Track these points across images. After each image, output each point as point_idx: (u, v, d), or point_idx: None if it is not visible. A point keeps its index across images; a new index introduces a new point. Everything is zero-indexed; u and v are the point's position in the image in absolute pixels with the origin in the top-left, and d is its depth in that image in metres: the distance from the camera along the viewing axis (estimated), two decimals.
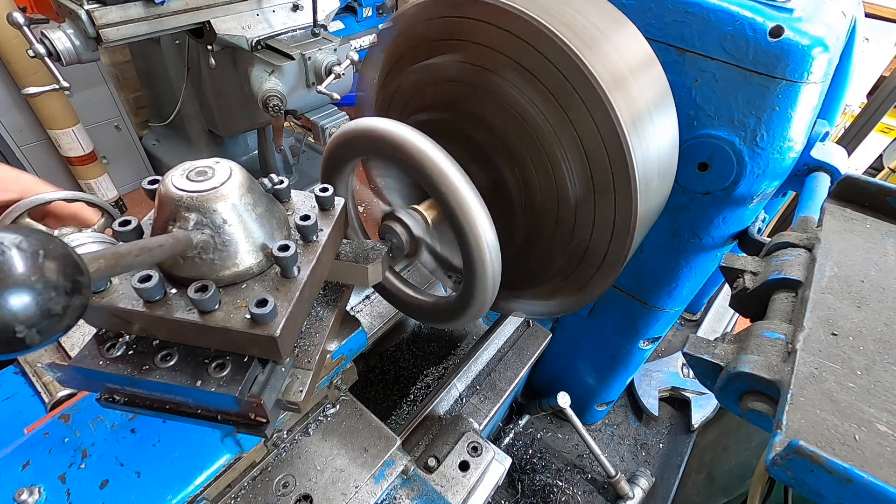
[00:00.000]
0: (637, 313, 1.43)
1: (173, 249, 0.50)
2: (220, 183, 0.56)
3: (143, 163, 3.42)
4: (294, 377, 0.67)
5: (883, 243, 0.73)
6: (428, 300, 0.94)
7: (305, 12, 2.15)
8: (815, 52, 0.82)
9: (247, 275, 0.59)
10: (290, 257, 0.57)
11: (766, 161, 0.95)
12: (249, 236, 0.58)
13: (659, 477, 1.92)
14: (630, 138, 0.69)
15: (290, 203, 0.71)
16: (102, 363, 0.58)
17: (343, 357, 0.89)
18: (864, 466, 0.44)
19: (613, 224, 0.78)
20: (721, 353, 0.63)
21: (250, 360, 0.59)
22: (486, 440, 1.10)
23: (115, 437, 0.75)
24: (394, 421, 1.36)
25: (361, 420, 0.98)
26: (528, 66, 0.74)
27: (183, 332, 0.57)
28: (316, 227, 0.65)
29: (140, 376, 0.57)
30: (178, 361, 0.58)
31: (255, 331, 0.54)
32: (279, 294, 0.58)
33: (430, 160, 0.67)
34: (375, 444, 0.94)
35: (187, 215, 0.54)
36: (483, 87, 0.80)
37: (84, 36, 1.70)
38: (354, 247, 0.76)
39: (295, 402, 0.65)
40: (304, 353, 0.68)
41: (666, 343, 2.37)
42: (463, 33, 0.79)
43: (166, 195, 0.55)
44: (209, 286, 0.53)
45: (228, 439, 0.77)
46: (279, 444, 0.90)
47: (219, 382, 0.57)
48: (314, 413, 0.97)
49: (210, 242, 0.55)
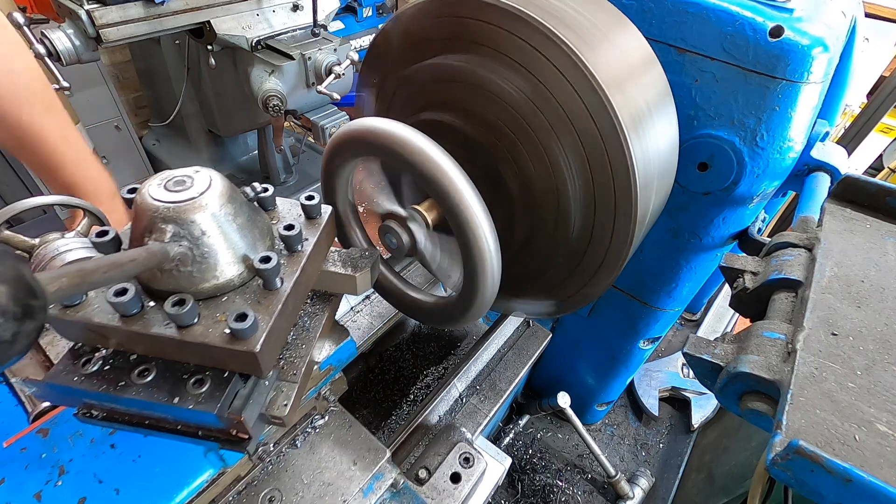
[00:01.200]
0: (637, 313, 1.43)
1: (147, 263, 0.48)
2: (198, 193, 0.54)
3: (143, 163, 3.42)
4: (279, 390, 0.64)
5: (883, 243, 0.73)
6: (428, 300, 0.94)
7: (305, 12, 2.15)
8: (815, 52, 0.82)
9: (227, 287, 0.57)
10: (273, 269, 0.55)
11: (766, 161, 0.95)
12: (230, 248, 0.56)
13: (659, 477, 1.92)
14: (630, 138, 0.69)
15: (275, 211, 0.69)
16: (77, 379, 0.55)
17: (331, 368, 0.87)
18: (864, 466, 0.44)
19: (613, 224, 0.78)
20: (721, 353, 0.63)
21: (231, 374, 0.57)
22: (478, 450, 1.08)
23: (95, 452, 0.72)
24: (394, 421, 1.36)
25: (351, 432, 0.95)
26: (527, 67, 0.74)
27: (161, 347, 0.55)
28: (301, 237, 0.63)
29: (115, 393, 0.55)
30: (156, 377, 0.56)
31: (234, 346, 0.52)
32: (261, 307, 0.56)
33: (430, 160, 0.67)
34: (364, 456, 0.91)
35: (164, 227, 0.53)
36: (483, 88, 0.80)
37: (84, 36, 1.70)
38: (343, 255, 0.74)
39: (279, 417, 0.63)
40: (290, 366, 0.66)
41: (666, 343, 2.37)
42: (463, 33, 0.79)
43: (142, 206, 0.53)
44: (186, 300, 0.52)
45: (211, 454, 0.75)
46: (265, 457, 0.87)
47: (197, 399, 0.54)
48: (302, 425, 0.94)
49: (188, 255, 0.53)
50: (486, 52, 0.78)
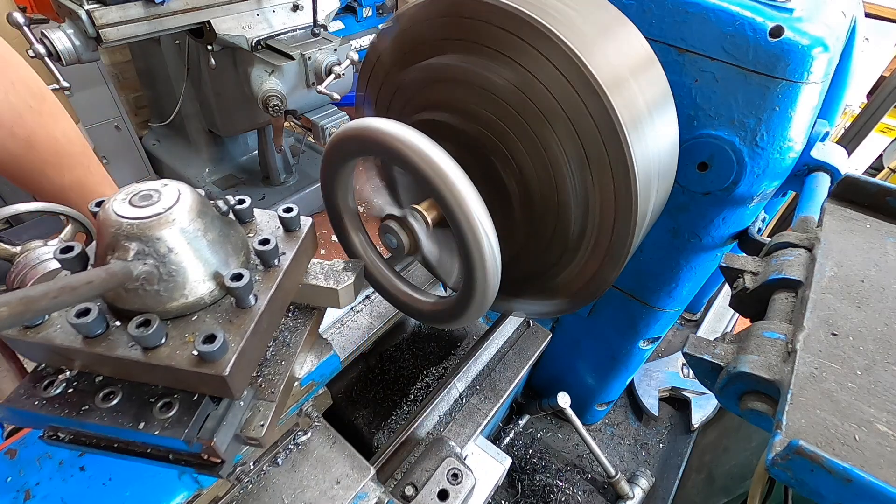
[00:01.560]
0: (637, 313, 1.43)
1: (106, 285, 0.45)
2: (164, 208, 0.51)
3: (144, 163, 3.42)
4: (255, 410, 0.61)
5: (883, 243, 0.73)
6: (428, 300, 0.94)
7: (305, 12, 2.15)
8: (815, 52, 0.83)
9: (197, 306, 0.54)
10: (244, 287, 0.53)
11: (766, 161, 0.95)
12: (200, 265, 0.53)
13: (659, 477, 1.92)
14: (630, 138, 0.69)
15: (252, 224, 0.67)
16: (38, 403, 0.52)
17: (314, 383, 0.84)
18: (864, 466, 0.44)
19: (613, 224, 0.78)
20: (721, 353, 0.63)
21: (201, 396, 0.53)
22: (467, 466, 1.05)
23: (63, 475, 0.68)
24: (394, 421, 1.36)
25: (334, 449, 0.91)
26: (527, 67, 0.74)
27: (127, 369, 0.52)
28: (277, 252, 0.60)
29: (78, 418, 0.51)
30: (122, 400, 0.53)
31: (202, 369, 0.49)
32: (232, 326, 0.53)
33: (430, 160, 0.67)
34: (348, 474, 0.88)
35: (127, 245, 0.49)
36: (482, 87, 0.80)
37: (84, 36, 1.70)
38: (326, 267, 0.72)
39: (255, 438, 0.60)
40: (268, 383, 0.63)
41: (666, 343, 2.37)
42: (463, 33, 0.79)
43: (105, 223, 0.50)
44: (152, 320, 0.49)
45: (186, 476, 0.72)
46: (243, 478, 0.84)
47: (163, 424, 0.51)
48: (284, 442, 0.91)
49: (154, 273, 0.50)
50: (485, 52, 0.78)
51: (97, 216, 0.52)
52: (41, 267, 0.62)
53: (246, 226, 0.66)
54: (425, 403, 1.21)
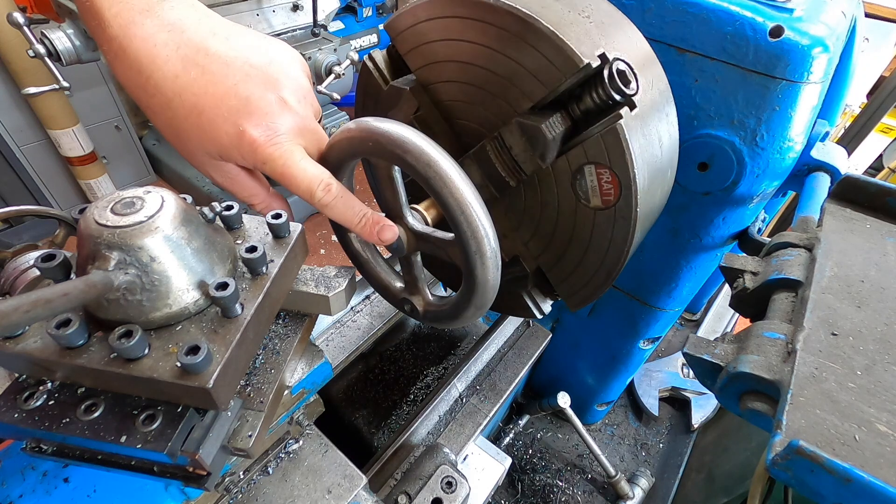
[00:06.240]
0: (637, 313, 1.43)
1: (84, 297, 0.43)
2: (147, 217, 0.50)
3: (144, 163, 3.43)
4: (244, 420, 0.60)
5: (883, 243, 0.73)
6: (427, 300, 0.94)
7: (305, 12, 2.15)
8: (815, 52, 0.83)
9: (182, 316, 0.53)
10: (230, 296, 0.51)
11: (766, 161, 0.95)
12: (184, 273, 0.52)
13: (659, 477, 1.92)
14: (630, 138, 0.69)
15: (241, 230, 0.65)
16: (17, 416, 0.51)
17: (305, 391, 0.83)
18: (864, 466, 0.44)
19: (613, 224, 0.78)
20: (721, 353, 0.63)
21: (186, 408, 0.52)
22: (461, 474, 1.03)
23: (46, 487, 0.66)
24: (394, 421, 1.36)
25: (326, 457, 0.89)
26: (527, 67, 0.74)
27: (109, 381, 0.51)
28: (265, 259, 0.59)
29: (58, 431, 0.50)
30: (104, 413, 0.51)
31: (185, 381, 0.47)
32: (217, 336, 0.52)
33: (429, 160, 0.67)
34: (340, 483, 0.86)
35: (108, 254, 0.48)
36: (482, 87, 0.80)
37: (84, 36, 1.70)
38: (317, 274, 0.71)
39: (243, 449, 0.58)
40: (257, 392, 0.62)
41: (666, 343, 2.37)
42: (462, 33, 0.79)
43: (85, 231, 0.49)
44: (134, 332, 0.47)
45: (172, 487, 0.71)
46: (232, 488, 0.82)
47: (146, 437, 0.50)
48: (275, 450, 0.90)
49: (136, 283, 0.49)
50: (484, 52, 0.78)
51: (78, 224, 0.51)
52: (31, 272, 0.61)
53: (234, 232, 0.65)
54: (425, 403, 1.21)
